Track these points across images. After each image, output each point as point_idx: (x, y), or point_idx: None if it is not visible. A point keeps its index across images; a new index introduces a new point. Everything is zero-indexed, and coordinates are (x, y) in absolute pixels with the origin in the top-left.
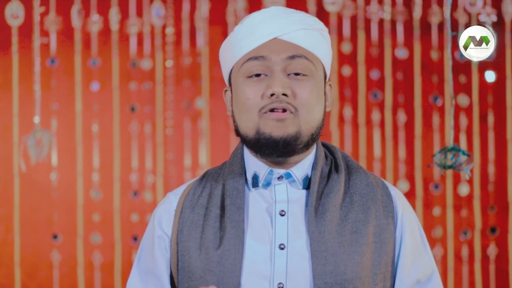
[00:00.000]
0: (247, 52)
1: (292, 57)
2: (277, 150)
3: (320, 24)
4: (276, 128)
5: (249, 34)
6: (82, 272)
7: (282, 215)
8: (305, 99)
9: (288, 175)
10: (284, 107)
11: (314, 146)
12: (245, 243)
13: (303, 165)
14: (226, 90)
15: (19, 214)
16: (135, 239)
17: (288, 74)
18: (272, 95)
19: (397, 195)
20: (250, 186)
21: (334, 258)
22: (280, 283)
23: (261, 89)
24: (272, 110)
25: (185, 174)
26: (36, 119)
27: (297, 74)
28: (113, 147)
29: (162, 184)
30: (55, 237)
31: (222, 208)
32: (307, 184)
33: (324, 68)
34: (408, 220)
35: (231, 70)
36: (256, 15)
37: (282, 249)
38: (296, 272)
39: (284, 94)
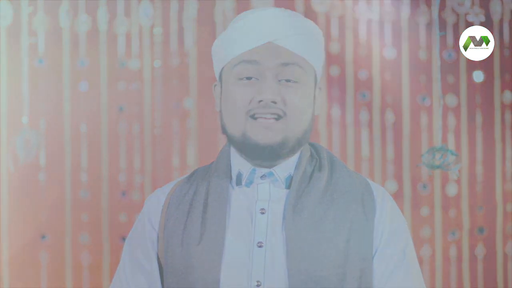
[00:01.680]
0: (240, 54)
1: (285, 64)
2: (263, 155)
3: (315, 28)
4: (263, 135)
5: (242, 36)
6: (70, 272)
7: (263, 213)
8: (295, 106)
9: (271, 174)
10: (272, 112)
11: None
12: (225, 240)
13: (287, 164)
14: (215, 85)
15: (7, 214)
16: (124, 239)
17: (279, 80)
18: (260, 101)
19: (380, 193)
20: (234, 184)
21: (310, 255)
22: (258, 281)
23: (250, 93)
24: (258, 117)
25: (174, 174)
26: (25, 119)
27: (288, 80)
28: (101, 147)
29: (150, 184)
30: (43, 237)
31: (205, 205)
32: (290, 183)
33: (315, 73)
34: (388, 218)
35: (223, 68)
36: (250, 16)
37: (260, 247)
38: (273, 270)
39: (273, 102)
